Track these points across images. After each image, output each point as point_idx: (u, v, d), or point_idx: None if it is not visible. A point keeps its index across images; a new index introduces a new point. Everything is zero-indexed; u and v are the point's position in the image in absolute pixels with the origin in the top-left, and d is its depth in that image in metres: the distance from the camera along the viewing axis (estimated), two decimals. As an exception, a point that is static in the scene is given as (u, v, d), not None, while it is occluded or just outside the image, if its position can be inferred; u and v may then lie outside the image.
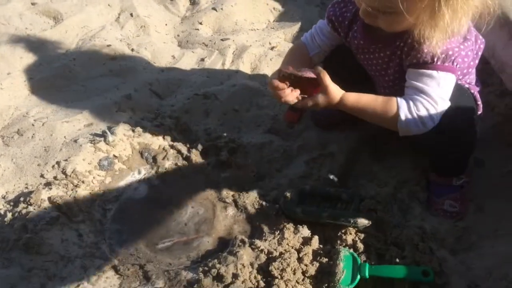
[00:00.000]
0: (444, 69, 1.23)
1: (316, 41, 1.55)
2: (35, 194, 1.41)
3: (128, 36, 2.22)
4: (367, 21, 1.26)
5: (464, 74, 1.35)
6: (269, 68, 2.08)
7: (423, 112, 1.24)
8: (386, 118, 1.28)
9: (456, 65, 1.24)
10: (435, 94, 1.24)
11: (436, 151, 1.40)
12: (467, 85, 1.38)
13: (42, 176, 1.51)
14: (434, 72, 1.23)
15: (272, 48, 2.18)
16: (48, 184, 1.46)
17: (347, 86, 1.50)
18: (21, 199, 1.42)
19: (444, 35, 1.15)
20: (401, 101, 1.26)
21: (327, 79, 1.28)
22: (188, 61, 2.12)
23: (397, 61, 1.32)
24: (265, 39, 2.23)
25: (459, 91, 1.29)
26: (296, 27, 2.32)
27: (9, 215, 1.39)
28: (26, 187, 1.48)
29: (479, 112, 1.42)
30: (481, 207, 1.44)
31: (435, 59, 1.22)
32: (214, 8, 2.39)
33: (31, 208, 1.38)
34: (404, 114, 1.25)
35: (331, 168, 1.57)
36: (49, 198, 1.41)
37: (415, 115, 1.24)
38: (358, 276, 1.21)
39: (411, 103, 1.25)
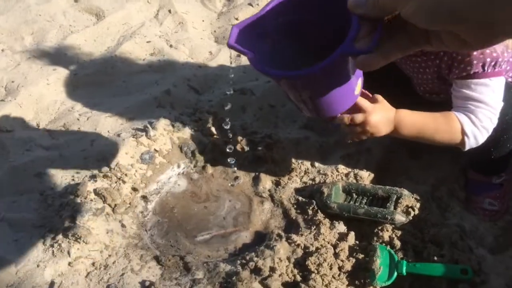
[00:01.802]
0: (495, 74, 1.21)
1: None
2: (81, 186, 1.47)
3: (167, 32, 2.27)
4: None
5: (508, 71, 1.32)
6: (305, 64, 2.08)
7: (486, 122, 1.23)
8: (449, 136, 1.25)
9: (503, 67, 1.22)
10: (493, 101, 1.22)
11: (481, 150, 1.38)
12: (510, 79, 1.35)
13: (87, 168, 1.57)
14: (487, 80, 1.22)
15: (308, 43, 2.19)
16: (93, 177, 1.52)
17: (383, 84, 1.51)
18: (68, 190, 1.49)
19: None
20: (461, 116, 1.23)
21: (381, 96, 1.27)
22: (224, 57, 2.15)
23: (434, 69, 1.31)
24: (301, 34, 2.24)
25: (506, 90, 1.27)
26: (332, 22, 2.31)
27: (57, 206, 1.46)
28: (73, 179, 1.55)
29: None
30: (522, 206, 1.42)
31: (486, 67, 1.20)
32: (250, 4, 2.42)
33: (78, 200, 1.44)
34: (470, 130, 1.23)
35: (367, 164, 1.58)
36: (94, 190, 1.47)
37: (479, 127, 1.23)
38: (395, 273, 1.22)
39: (472, 116, 1.23)
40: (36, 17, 2.29)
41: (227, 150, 1.64)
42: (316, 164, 1.61)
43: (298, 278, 1.26)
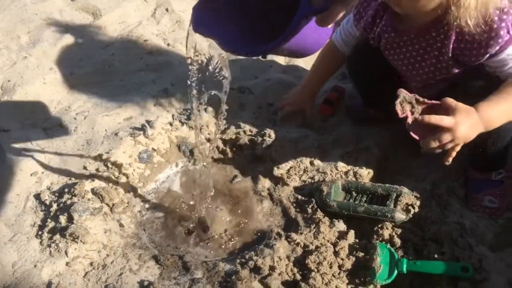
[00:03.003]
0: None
1: (346, 40, 1.57)
2: (79, 185, 1.46)
3: (164, 31, 2.26)
4: (392, 4, 1.23)
5: None
6: (304, 62, 2.08)
7: None
8: None
9: None
10: None
11: (479, 142, 1.36)
12: None
13: (85, 168, 1.56)
14: None
15: (306, 42, 2.18)
16: (91, 176, 1.51)
17: (376, 86, 1.51)
18: (66, 190, 1.47)
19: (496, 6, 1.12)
20: None
21: (452, 100, 1.15)
22: (222, 56, 2.14)
23: (435, 53, 1.30)
24: (299, 33, 2.23)
25: None
26: (330, 20, 2.30)
27: (55, 205, 1.44)
28: (70, 179, 1.53)
29: None
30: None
31: (510, 31, 1.17)
32: (248, 2, 2.41)
33: (75, 199, 1.43)
34: None
35: (367, 162, 1.57)
36: (92, 190, 1.46)
37: None
38: (396, 271, 1.21)
39: None
40: (32, 16, 2.28)
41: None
42: (315, 162, 1.60)
43: (298, 277, 1.25)
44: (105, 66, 2.03)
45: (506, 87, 1.20)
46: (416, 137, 1.14)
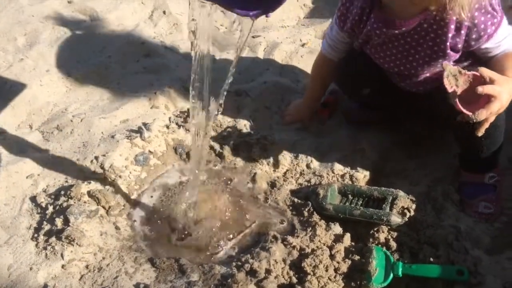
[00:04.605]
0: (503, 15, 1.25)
1: (337, 48, 1.57)
2: (75, 188, 1.46)
3: (161, 33, 2.26)
4: None
5: None
6: (300, 65, 2.08)
7: None
8: None
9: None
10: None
11: (473, 141, 1.37)
12: None
13: (81, 170, 1.56)
14: (504, 20, 1.25)
15: (303, 45, 2.19)
16: (87, 178, 1.51)
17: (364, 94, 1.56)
18: (62, 192, 1.47)
19: None
20: None
21: (488, 70, 1.17)
22: (219, 58, 2.14)
23: (429, 43, 1.30)
24: (296, 36, 2.24)
25: None
26: (326, 23, 2.31)
27: (51, 208, 1.44)
28: (66, 181, 1.53)
29: None
30: (517, 207, 1.42)
31: (496, 7, 1.22)
32: (244, 5, 2.41)
33: (71, 202, 1.43)
34: None
35: (363, 165, 1.57)
36: (88, 192, 1.46)
37: None
38: (391, 275, 1.21)
39: None
40: (29, 18, 2.27)
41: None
42: (312, 165, 1.61)
43: (294, 280, 1.25)
44: (102, 68, 2.02)
45: None
46: (464, 110, 1.14)
